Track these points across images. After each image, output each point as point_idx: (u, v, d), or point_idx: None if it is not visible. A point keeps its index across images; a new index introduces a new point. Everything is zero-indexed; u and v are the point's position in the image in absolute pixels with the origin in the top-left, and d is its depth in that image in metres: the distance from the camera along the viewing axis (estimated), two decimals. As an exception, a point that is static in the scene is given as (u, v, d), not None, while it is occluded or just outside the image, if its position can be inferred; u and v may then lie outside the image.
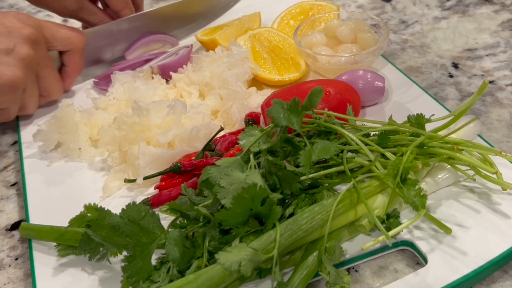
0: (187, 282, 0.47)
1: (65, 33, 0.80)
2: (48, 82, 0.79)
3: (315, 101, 0.55)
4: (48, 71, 0.78)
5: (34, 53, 0.74)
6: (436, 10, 1.05)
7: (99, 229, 0.52)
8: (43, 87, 0.78)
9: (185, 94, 0.81)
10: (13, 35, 0.72)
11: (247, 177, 0.52)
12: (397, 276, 0.56)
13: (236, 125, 0.76)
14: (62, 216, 0.59)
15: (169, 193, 0.64)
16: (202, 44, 0.93)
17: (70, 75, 0.84)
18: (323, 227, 0.53)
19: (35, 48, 0.74)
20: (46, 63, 0.77)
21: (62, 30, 0.80)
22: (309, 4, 0.97)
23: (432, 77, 0.87)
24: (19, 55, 0.72)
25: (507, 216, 0.58)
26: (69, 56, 0.82)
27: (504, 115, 0.77)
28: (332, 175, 0.59)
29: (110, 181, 0.69)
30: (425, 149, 0.59)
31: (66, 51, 0.82)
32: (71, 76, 0.84)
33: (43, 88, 0.78)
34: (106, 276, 0.57)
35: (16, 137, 0.83)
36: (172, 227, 0.56)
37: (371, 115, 0.76)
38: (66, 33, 0.80)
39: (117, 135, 0.70)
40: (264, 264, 0.50)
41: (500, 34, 0.95)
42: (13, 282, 0.61)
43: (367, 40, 0.82)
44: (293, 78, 0.84)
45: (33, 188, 0.70)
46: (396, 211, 0.58)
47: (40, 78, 0.77)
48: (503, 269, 0.56)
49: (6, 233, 0.67)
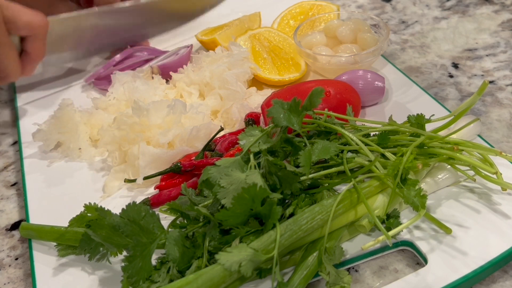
0: (187, 282, 0.47)
1: (27, 17, 0.74)
2: (6, 62, 0.74)
3: (316, 102, 0.55)
4: (6, 50, 0.73)
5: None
6: (436, 10, 1.05)
7: (99, 229, 0.52)
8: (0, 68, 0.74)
9: (185, 94, 0.81)
10: None
11: (247, 177, 0.52)
12: (397, 276, 0.56)
13: (236, 125, 0.76)
14: (62, 216, 0.60)
15: (169, 193, 0.64)
16: (202, 44, 0.94)
17: (30, 61, 0.78)
18: (323, 227, 0.53)
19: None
20: (4, 42, 0.72)
21: (25, 13, 0.74)
22: (309, 4, 0.97)
23: (432, 77, 0.87)
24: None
25: (507, 216, 0.58)
26: (31, 41, 0.76)
27: (504, 115, 0.77)
28: (332, 175, 0.59)
29: (110, 181, 0.69)
30: (425, 149, 0.59)
31: (27, 36, 0.76)
32: (31, 62, 0.78)
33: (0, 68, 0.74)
34: (106, 276, 0.57)
35: (16, 137, 0.83)
36: (172, 227, 0.56)
37: (371, 115, 0.76)
38: (28, 16, 0.74)
39: (117, 135, 0.70)
40: (264, 264, 0.50)
41: (500, 34, 0.96)
42: (13, 282, 0.61)
43: (367, 40, 0.82)
44: (293, 78, 0.84)
45: (33, 188, 0.70)
46: (396, 211, 0.58)
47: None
48: (503, 269, 0.56)
49: (6, 233, 0.67)
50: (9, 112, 0.89)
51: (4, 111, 0.90)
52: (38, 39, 0.77)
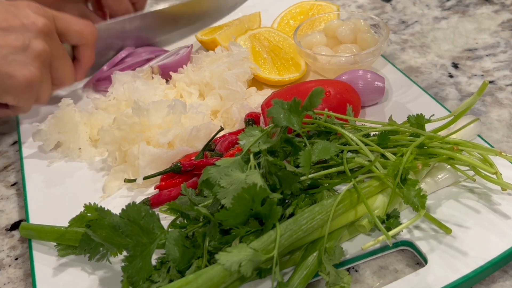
0: (187, 282, 0.47)
1: (78, 26, 0.78)
2: (61, 73, 0.78)
3: (316, 102, 0.55)
4: (62, 62, 0.77)
5: (49, 47, 0.73)
6: (436, 10, 1.05)
7: (99, 229, 0.52)
8: (56, 77, 0.77)
9: (185, 94, 0.81)
10: (27, 28, 0.71)
11: (247, 177, 0.52)
12: (397, 276, 0.56)
13: (236, 125, 0.76)
14: (62, 216, 0.60)
15: (169, 193, 0.64)
16: (202, 44, 0.94)
17: (81, 68, 0.83)
18: (323, 227, 0.53)
19: (49, 40, 0.73)
20: (60, 54, 0.76)
21: (76, 22, 0.79)
22: (309, 4, 0.97)
23: (432, 77, 0.87)
24: (35, 51, 0.71)
25: (507, 216, 0.58)
26: (82, 49, 0.81)
27: (504, 115, 0.77)
28: (332, 175, 0.59)
29: (110, 181, 0.69)
30: (425, 150, 0.59)
31: (78, 44, 0.81)
32: (82, 68, 0.83)
33: (56, 78, 0.77)
34: (106, 276, 0.57)
35: (16, 137, 0.83)
36: (172, 227, 0.56)
37: (371, 115, 0.76)
38: (79, 26, 0.79)
39: (117, 135, 0.70)
40: (264, 264, 0.50)
41: (500, 34, 0.95)
42: (13, 282, 0.61)
43: (367, 40, 0.82)
44: (293, 78, 0.84)
45: (33, 188, 0.70)
46: (396, 211, 0.58)
47: (54, 69, 0.76)
48: (503, 269, 0.56)
49: (6, 233, 0.67)
50: (9, 112, 0.89)
51: (4, 111, 0.90)
52: (88, 46, 0.81)
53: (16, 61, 0.69)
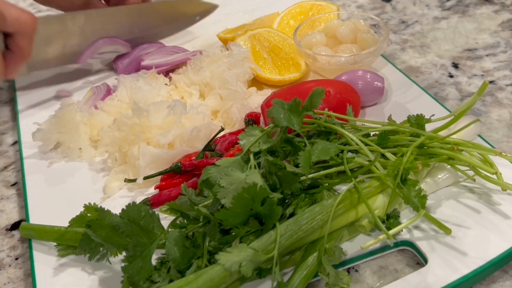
0: (187, 282, 0.47)
1: (14, 12, 0.69)
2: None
3: (316, 102, 0.55)
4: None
5: None
6: (436, 10, 1.05)
7: (99, 229, 0.52)
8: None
9: (186, 94, 0.81)
10: None
11: (247, 177, 0.52)
12: (397, 276, 0.56)
13: (236, 125, 0.76)
14: (62, 216, 0.59)
15: (169, 193, 0.64)
16: (223, 42, 0.93)
17: (14, 60, 0.73)
18: (323, 228, 0.53)
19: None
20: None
21: (12, 8, 0.69)
22: (309, 4, 0.97)
23: (432, 77, 0.87)
24: None
25: (507, 216, 0.58)
26: (16, 39, 0.71)
27: (504, 115, 0.77)
28: (332, 175, 0.59)
29: (110, 182, 0.69)
30: (425, 150, 0.59)
31: (13, 33, 0.71)
32: (16, 61, 0.73)
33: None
34: (106, 276, 0.57)
35: (16, 137, 0.83)
36: (172, 227, 0.56)
37: (371, 115, 0.76)
38: (16, 12, 0.69)
39: (117, 137, 0.70)
40: (264, 264, 0.50)
41: (500, 34, 0.96)
42: (13, 282, 0.61)
43: (367, 40, 0.82)
44: (293, 78, 0.84)
45: (33, 188, 0.70)
46: (396, 211, 0.58)
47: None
48: (503, 269, 0.57)
49: (6, 233, 0.67)
50: (9, 112, 0.89)
51: (4, 111, 0.90)
52: (25, 37, 0.71)
53: None
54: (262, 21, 0.95)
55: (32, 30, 0.72)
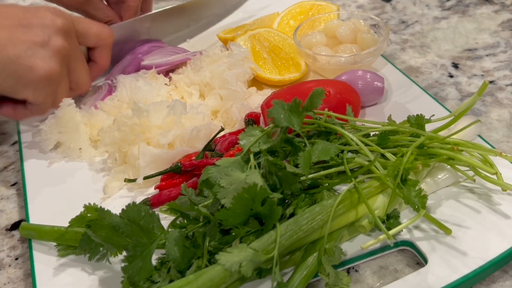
0: (187, 282, 0.47)
1: (96, 29, 0.79)
2: (78, 75, 0.78)
3: (316, 102, 0.55)
4: (79, 63, 0.77)
5: (68, 45, 0.73)
6: (436, 10, 1.05)
7: (99, 229, 0.52)
8: (73, 80, 0.77)
9: (186, 94, 0.81)
10: (47, 26, 0.72)
11: (247, 177, 0.52)
12: (397, 276, 0.56)
13: (236, 125, 0.76)
14: (62, 216, 0.59)
15: (169, 193, 0.64)
16: (223, 42, 0.93)
17: (98, 70, 0.83)
18: (323, 228, 0.53)
19: (68, 39, 0.74)
20: (78, 55, 0.77)
21: (94, 25, 0.79)
22: (309, 4, 0.97)
23: (432, 77, 0.87)
24: (54, 47, 0.71)
25: (507, 216, 0.58)
26: (98, 51, 0.81)
27: (504, 115, 0.77)
28: (332, 175, 0.59)
29: (110, 182, 0.69)
30: (425, 150, 0.59)
31: (95, 47, 0.81)
32: (98, 71, 0.83)
33: (73, 81, 0.77)
34: (106, 276, 0.57)
35: (16, 137, 0.83)
36: (172, 227, 0.56)
37: (371, 115, 0.76)
38: (97, 28, 0.79)
39: (117, 137, 0.70)
40: (264, 265, 0.50)
41: (500, 34, 0.96)
42: (13, 282, 0.61)
43: (367, 40, 0.82)
44: (293, 78, 0.84)
45: (33, 188, 0.70)
46: (396, 211, 0.58)
47: (71, 70, 0.76)
48: (503, 269, 0.57)
49: (6, 233, 0.67)
50: (9, 112, 0.89)
51: (4, 111, 0.90)
52: (105, 49, 0.82)
53: (37, 55, 0.70)
54: (262, 21, 0.95)
55: (110, 43, 0.82)
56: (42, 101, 0.73)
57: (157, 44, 0.91)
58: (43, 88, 0.71)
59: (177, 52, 0.89)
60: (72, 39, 0.75)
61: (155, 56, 0.88)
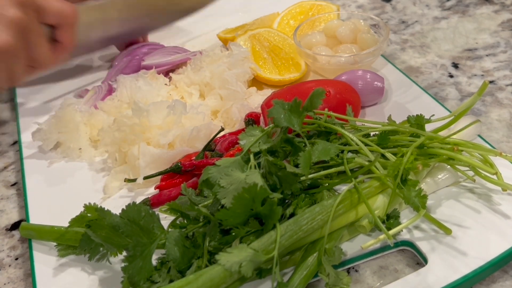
0: (188, 282, 0.47)
1: (58, 5, 0.74)
2: (38, 51, 0.73)
3: (316, 102, 0.55)
4: (38, 39, 0.72)
5: (25, 18, 0.69)
6: (436, 10, 1.05)
7: (99, 229, 0.52)
8: (32, 57, 0.73)
9: (186, 94, 0.81)
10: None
11: (247, 177, 0.52)
12: (397, 276, 0.56)
13: (236, 125, 0.76)
14: (62, 216, 0.59)
15: (169, 193, 0.64)
16: (223, 42, 0.93)
17: (61, 50, 0.77)
18: (323, 228, 0.53)
19: (25, 12, 0.69)
20: (36, 30, 0.71)
21: (53, 1, 0.74)
22: (309, 4, 0.97)
23: (432, 77, 0.87)
24: (9, 18, 0.67)
25: (507, 216, 0.58)
26: (62, 31, 0.76)
27: (504, 115, 0.77)
28: (332, 176, 0.59)
29: (110, 182, 0.69)
30: (425, 150, 0.59)
31: (58, 25, 0.75)
32: (62, 51, 0.78)
33: (32, 58, 0.73)
34: (106, 276, 0.57)
35: (16, 137, 0.83)
36: (172, 227, 0.56)
37: (371, 115, 0.76)
38: (59, 4, 0.74)
39: (117, 137, 0.70)
40: (265, 265, 0.50)
41: (500, 34, 0.96)
42: (13, 282, 0.61)
43: (367, 40, 0.82)
44: (293, 78, 0.84)
45: (33, 188, 0.70)
46: (396, 211, 0.58)
47: (30, 46, 0.71)
48: (503, 269, 0.57)
49: (6, 233, 0.67)
50: (9, 112, 0.89)
51: (4, 111, 0.90)
52: (68, 28, 0.77)
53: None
54: (262, 21, 0.95)
55: (74, 21, 0.76)
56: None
57: (156, 46, 0.91)
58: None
59: (177, 52, 0.89)
60: (30, 13, 0.70)
61: (155, 56, 0.88)
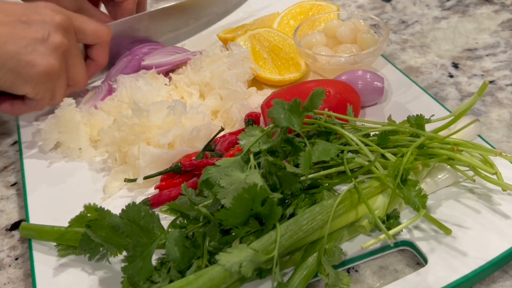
0: (188, 282, 0.47)
1: (94, 26, 0.80)
2: (76, 72, 0.78)
3: (316, 103, 0.55)
4: (77, 60, 0.78)
5: (66, 41, 0.74)
6: (436, 10, 1.05)
7: (99, 229, 0.52)
8: (71, 77, 0.78)
9: (185, 94, 0.81)
10: (46, 23, 0.73)
11: (247, 177, 0.52)
12: (397, 276, 0.56)
13: (236, 125, 0.76)
14: (62, 216, 0.59)
15: (169, 193, 0.64)
16: (223, 42, 0.93)
17: (94, 68, 0.84)
18: (323, 228, 0.53)
19: (67, 36, 0.75)
20: (76, 52, 0.78)
21: (91, 22, 0.80)
22: (309, 4, 0.97)
23: (432, 77, 0.87)
24: (54, 43, 0.72)
25: (507, 216, 0.58)
26: (96, 49, 0.82)
27: (504, 115, 0.77)
28: (332, 176, 0.59)
29: (110, 182, 0.69)
30: (425, 150, 0.59)
31: (92, 45, 0.82)
32: (95, 69, 0.84)
33: (71, 77, 0.78)
34: (106, 276, 0.57)
35: (16, 137, 0.83)
36: (172, 227, 0.56)
37: (371, 116, 0.76)
38: (95, 26, 0.80)
39: (117, 137, 0.70)
40: (265, 265, 0.50)
41: (500, 34, 0.96)
42: (13, 282, 0.61)
43: (367, 40, 0.82)
44: (293, 78, 0.84)
45: (33, 188, 0.70)
46: (396, 211, 0.58)
47: (69, 67, 0.77)
48: (503, 269, 0.57)
49: (6, 233, 0.67)
50: (9, 112, 0.89)
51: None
52: (102, 47, 0.82)
53: (37, 51, 0.71)
54: (262, 21, 0.95)
55: (108, 40, 0.83)
56: (41, 96, 0.74)
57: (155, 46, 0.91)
58: (42, 83, 0.72)
59: (177, 52, 0.89)
60: (70, 36, 0.76)
61: (156, 56, 0.88)
